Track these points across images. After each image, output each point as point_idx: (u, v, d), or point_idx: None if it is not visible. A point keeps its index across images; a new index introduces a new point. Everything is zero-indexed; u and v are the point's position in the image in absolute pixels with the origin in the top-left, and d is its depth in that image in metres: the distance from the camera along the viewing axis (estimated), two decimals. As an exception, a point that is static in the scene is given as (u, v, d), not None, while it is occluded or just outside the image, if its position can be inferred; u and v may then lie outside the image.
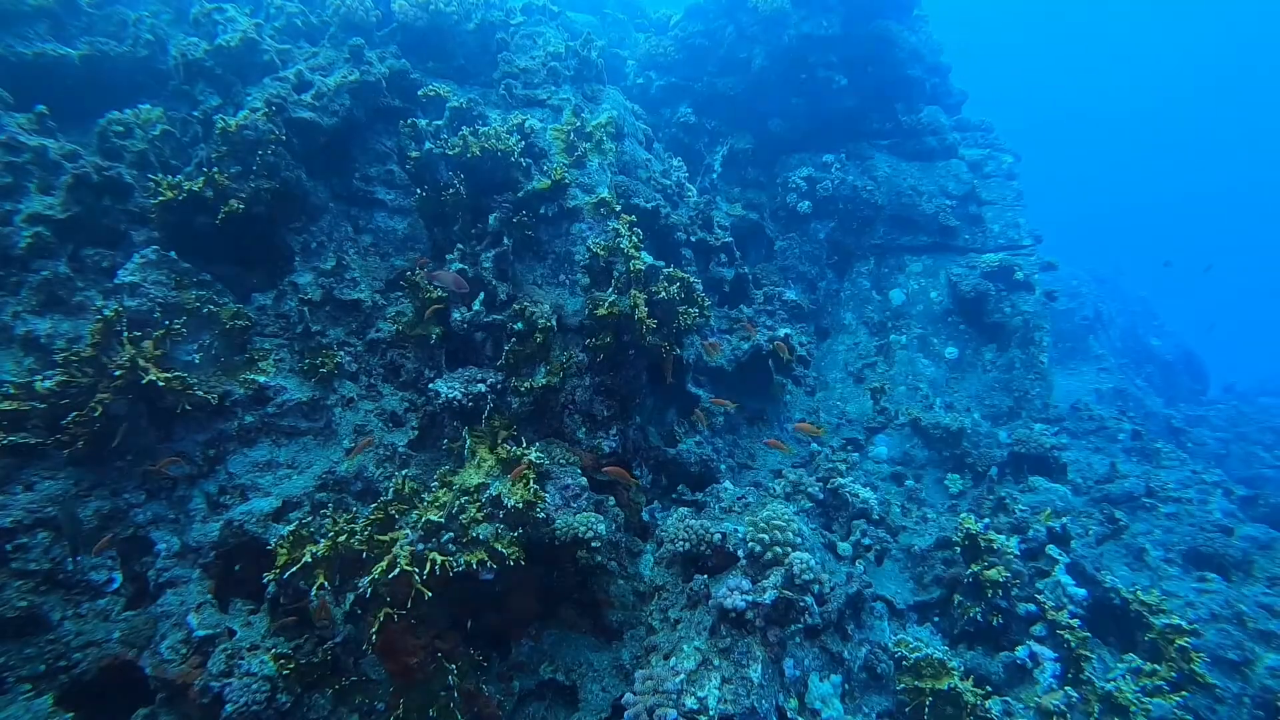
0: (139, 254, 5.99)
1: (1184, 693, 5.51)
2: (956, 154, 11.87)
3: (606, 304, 6.38)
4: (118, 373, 5.21)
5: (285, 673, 4.92)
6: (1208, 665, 5.87)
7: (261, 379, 6.13)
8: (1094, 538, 8.44)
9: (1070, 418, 12.29)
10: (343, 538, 4.71)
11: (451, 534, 4.97)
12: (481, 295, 6.54)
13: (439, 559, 4.69)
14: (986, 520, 7.39)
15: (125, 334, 5.38)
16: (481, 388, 6.22)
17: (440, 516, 5.00)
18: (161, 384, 5.30)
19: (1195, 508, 9.13)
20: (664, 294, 6.51)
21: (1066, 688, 5.64)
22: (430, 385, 6.33)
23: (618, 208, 7.22)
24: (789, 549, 5.37)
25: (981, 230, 11.30)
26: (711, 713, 4.62)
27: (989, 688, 5.75)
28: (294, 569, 4.62)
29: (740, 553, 5.57)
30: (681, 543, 5.69)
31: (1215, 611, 6.97)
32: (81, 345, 5.48)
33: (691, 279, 6.81)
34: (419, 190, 6.82)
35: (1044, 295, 10.68)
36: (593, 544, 5.43)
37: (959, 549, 6.76)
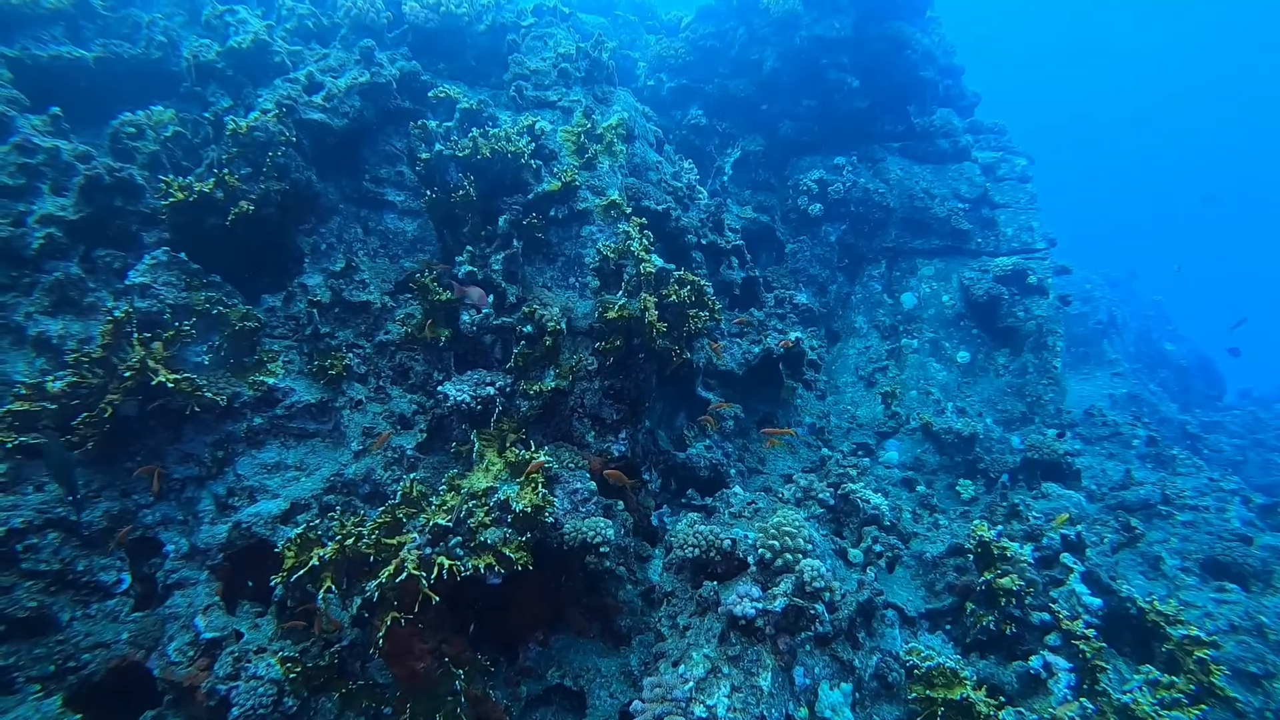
0: (149, 255, 6.00)
1: (1203, 706, 5.39)
2: (969, 157, 11.77)
3: (617, 307, 6.33)
4: (127, 374, 5.21)
5: (292, 676, 4.90)
6: (1228, 678, 5.75)
7: (270, 381, 6.13)
8: (1109, 546, 8.32)
9: (1084, 423, 12.16)
10: (350, 541, 4.69)
11: (459, 538, 4.94)
12: (491, 298, 6.52)
13: (446, 563, 4.66)
14: (1000, 527, 7.29)
15: (135, 335, 5.39)
16: (490, 391, 6.19)
17: (448, 520, 4.97)
18: (170, 385, 5.30)
19: (1213, 516, 8.99)
20: (675, 297, 6.47)
21: (1082, 699, 5.53)
22: (439, 388, 6.30)
23: (628, 210, 7.19)
24: (800, 556, 5.30)
25: (994, 233, 11.19)
26: (721, 721, 4.56)
27: (1002, 698, 5.65)
28: (301, 572, 4.60)
29: (750, 559, 5.50)
30: (691, 548, 5.63)
31: (1235, 623, 6.84)
32: (92, 346, 5.49)
33: (702, 282, 6.76)
34: (429, 192, 6.80)
35: (1058, 299, 10.56)
36: (601, 549, 5.39)
37: (972, 556, 6.67)
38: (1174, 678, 5.58)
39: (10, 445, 5.14)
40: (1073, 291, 14.79)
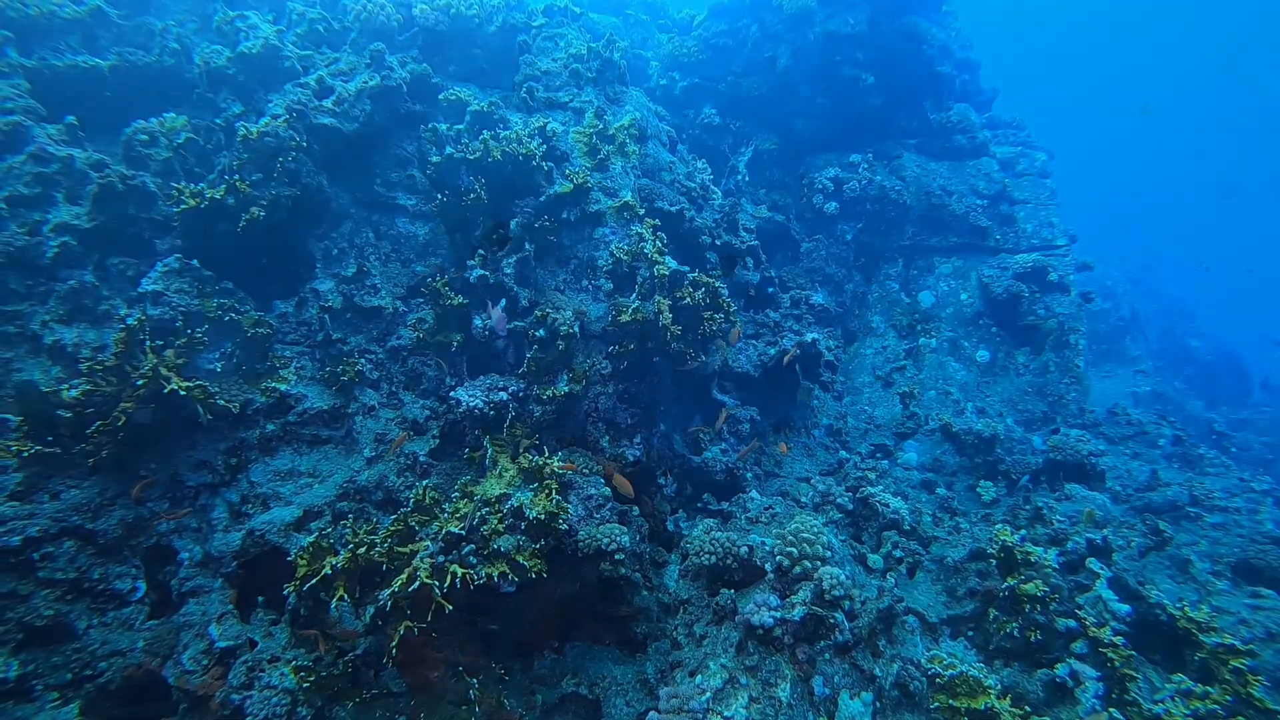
0: (162, 262, 6.01)
1: (1240, 718, 5.22)
2: (987, 152, 11.56)
3: (630, 310, 6.26)
4: (141, 382, 5.21)
5: (305, 685, 4.86)
6: (1266, 689, 5.54)
7: (283, 387, 6.11)
8: (1136, 549, 8.10)
9: (1107, 422, 11.89)
10: (363, 550, 4.64)
11: (472, 546, 4.89)
12: (503, 302, 6.46)
13: (459, 571, 4.60)
14: (1023, 531, 7.12)
15: (148, 342, 5.38)
16: (503, 396, 6.13)
17: (461, 528, 4.91)
18: (183, 393, 5.29)
19: (1244, 517, 8.72)
20: (689, 299, 6.38)
21: (1111, 709, 5.38)
22: (452, 393, 6.26)
23: (641, 211, 7.11)
24: (818, 563, 5.19)
25: (1014, 230, 10.99)
26: (739, 733, 4.47)
27: (1027, 708, 5.50)
28: (314, 581, 4.56)
29: (768, 566, 5.40)
30: (708, 555, 5.54)
31: (1272, 630, 6.62)
32: (106, 354, 5.50)
33: (717, 284, 6.66)
34: (440, 195, 6.75)
35: (1079, 296, 10.34)
36: (616, 556, 5.31)
37: (994, 561, 6.51)
38: (1208, 688, 5.41)
39: (27, 454, 5.15)
40: (1094, 288, 14.49)
